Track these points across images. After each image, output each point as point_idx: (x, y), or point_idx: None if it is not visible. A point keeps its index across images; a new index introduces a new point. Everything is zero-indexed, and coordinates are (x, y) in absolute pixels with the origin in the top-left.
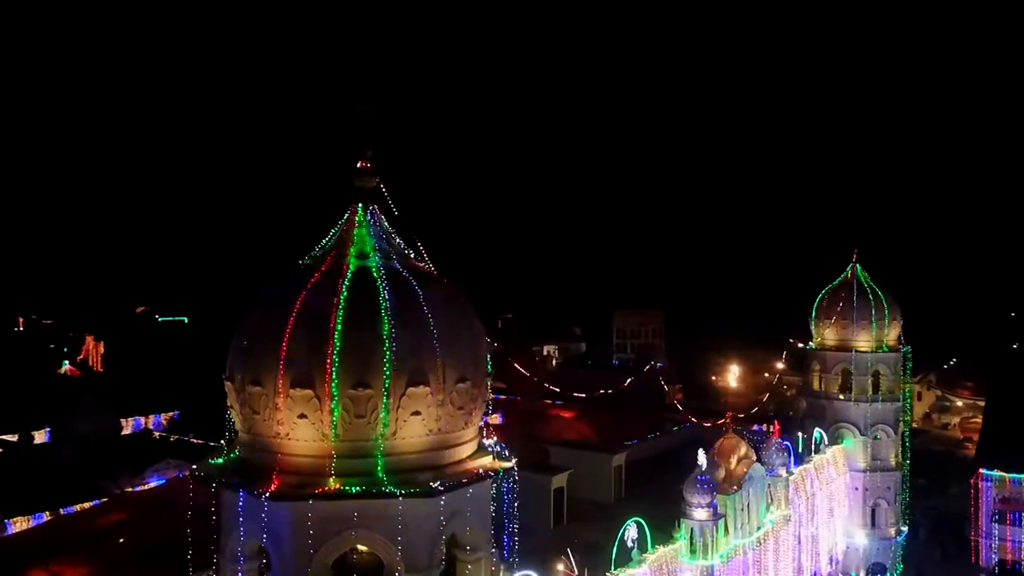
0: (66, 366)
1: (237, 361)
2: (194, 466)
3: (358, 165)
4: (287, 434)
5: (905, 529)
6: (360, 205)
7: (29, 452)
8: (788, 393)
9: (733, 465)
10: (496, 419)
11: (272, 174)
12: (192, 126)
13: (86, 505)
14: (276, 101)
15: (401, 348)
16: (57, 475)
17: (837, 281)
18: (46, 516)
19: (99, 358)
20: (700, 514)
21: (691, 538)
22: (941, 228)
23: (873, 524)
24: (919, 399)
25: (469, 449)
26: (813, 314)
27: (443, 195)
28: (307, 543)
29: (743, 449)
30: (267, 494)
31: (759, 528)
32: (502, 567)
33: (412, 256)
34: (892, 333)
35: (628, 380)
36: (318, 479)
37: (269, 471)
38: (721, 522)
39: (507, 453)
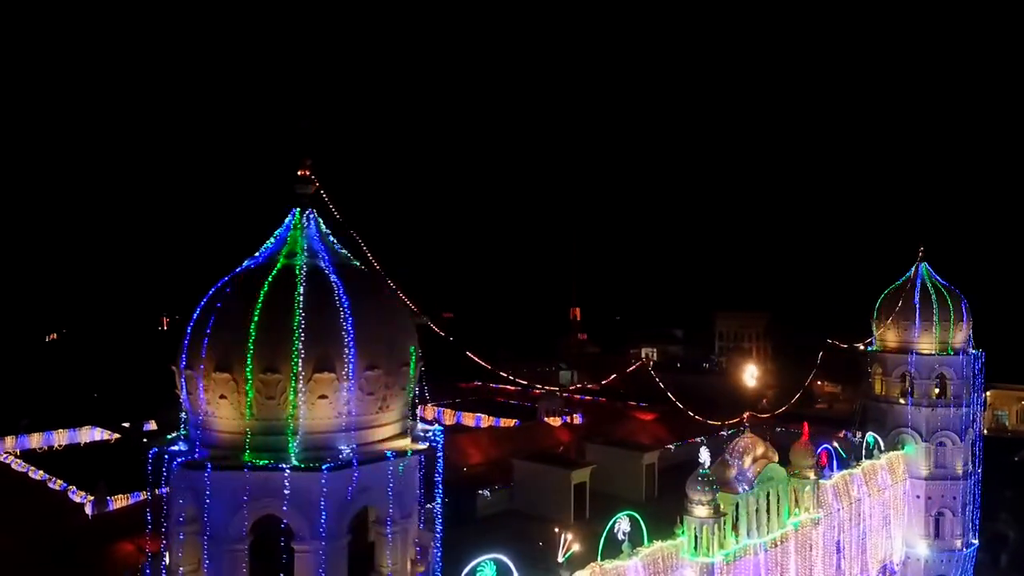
0: None
1: (181, 350)
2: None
3: (298, 173)
4: (212, 413)
5: (975, 542)
6: (298, 209)
7: (136, 438)
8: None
9: (747, 465)
10: (576, 418)
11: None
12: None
13: None
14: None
15: (310, 338)
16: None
17: (901, 280)
18: (142, 495)
19: None
20: (701, 511)
21: (694, 535)
22: None
23: (937, 535)
24: None
25: (387, 432)
26: (875, 315)
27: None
28: (226, 509)
29: (760, 449)
30: (186, 463)
31: (779, 530)
32: (431, 539)
33: (350, 256)
34: (958, 335)
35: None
36: (236, 453)
37: (199, 445)
38: (729, 521)
39: (433, 439)
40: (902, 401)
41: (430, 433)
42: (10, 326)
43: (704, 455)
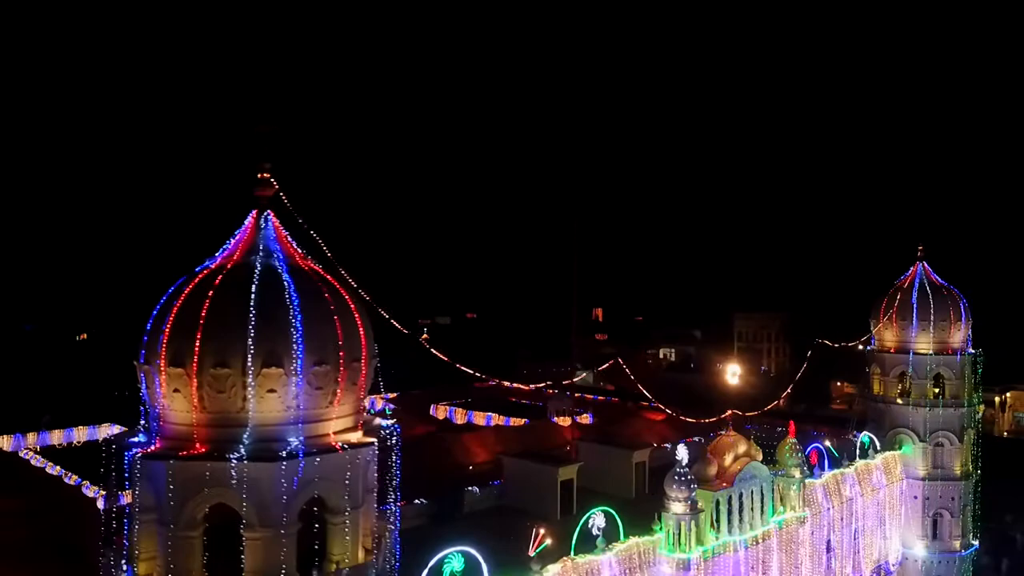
0: None
1: (140, 346)
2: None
3: (258, 177)
4: (167, 406)
5: (975, 544)
6: (256, 211)
7: None
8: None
9: (727, 462)
10: (586, 418)
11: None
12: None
13: None
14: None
15: (259, 334)
16: None
17: (900, 279)
18: None
19: None
20: (677, 507)
21: (669, 531)
22: None
23: (935, 536)
24: None
25: (338, 425)
26: (873, 314)
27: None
28: (178, 497)
29: (742, 447)
30: (142, 454)
31: (761, 527)
32: (387, 530)
33: (307, 257)
34: (957, 335)
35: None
36: (188, 443)
37: (155, 437)
38: (708, 517)
39: (387, 433)
40: (899, 401)
41: (387, 428)
42: (45, 326)
43: (682, 452)
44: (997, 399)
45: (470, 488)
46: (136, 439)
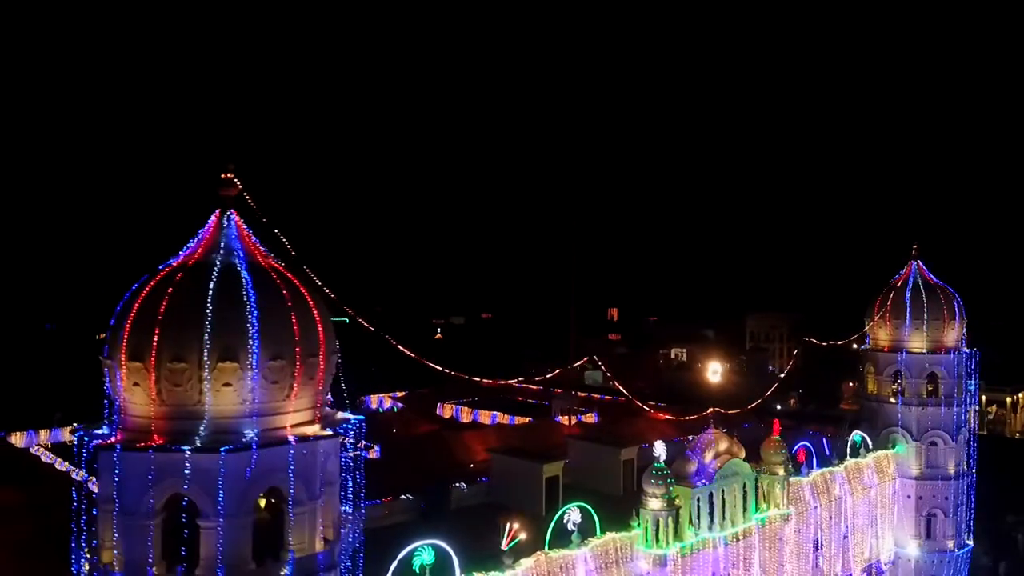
0: None
1: (104, 341)
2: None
3: (222, 177)
4: (128, 399)
5: (970, 544)
6: (220, 210)
7: None
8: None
9: (708, 459)
10: (591, 417)
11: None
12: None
13: None
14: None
15: (215, 330)
16: None
17: (895, 278)
18: None
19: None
20: (654, 504)
21: (647, 527)
22: None
23: (928, 535)
24: None
25: (295, 418)
26: (868, 312)
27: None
28: (135, 487)
29: (723, 445)
30: (100, 445)
31: (741, 524)
32: (347, 523)
33: (269, 255)
34: (950, 334)
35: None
36: (147, 435)
37: (115, 429)
38: (687, 514)
39: (346, 428)
40: (892, 400)
41: (351, 423)
42: (65, 325)
43: (659, 449)
44: (1008, 399)
45: (458, 484)
46: (100, 431)
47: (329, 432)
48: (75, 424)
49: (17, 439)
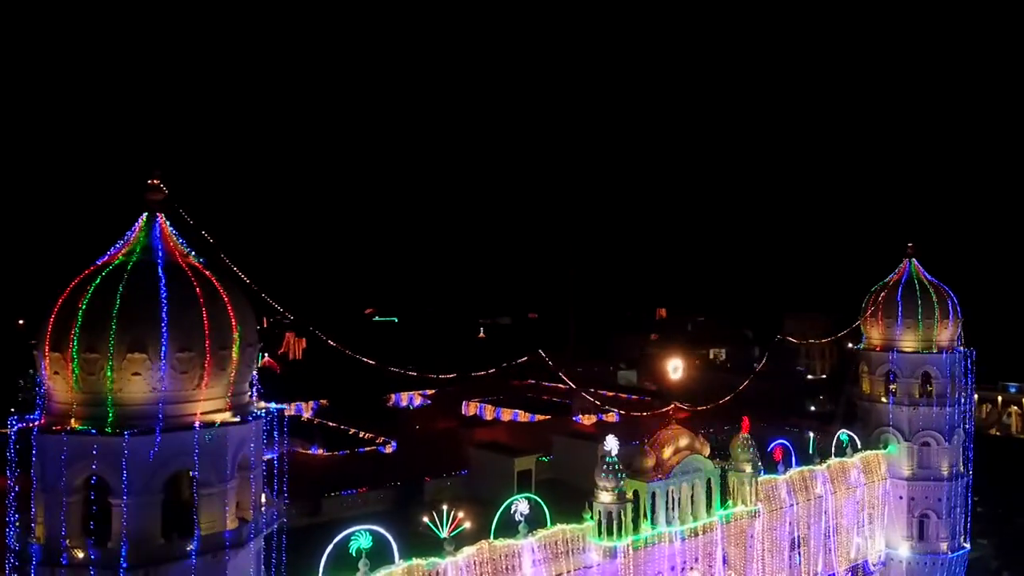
0: (263, 358)
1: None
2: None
3: (148, 183)
4: (52, 386)
5: (967, 546)
6: (146, 214)
7: None
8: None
9: (667, 455)
10: (612, 416)
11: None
12: None
13: None
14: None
15: (126, 323)
16: None
17: (889, 276)
18: None
19: (300, 352)
20: (605, 497)
21: (600, 520)
22: None
23: (921, 537)
24: None
25: (206, 406)
26: (862, 311)
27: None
28: (54, 468)
29: (683, 441)
30: (20, 430)
31: (701, 520)
32: (265, 506)
33: (189, 255)
34: (944, 333)
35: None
36: (66, 420)
37: (41, 414)
38: (644, 507)
39: (257, 417)
40: (884, 400)
41: (269, 412)
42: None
43: (610, 444)
44: (1000, 399)
45: (435, 477)
46: (32, 416)
47: (237, 419)
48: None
49: None
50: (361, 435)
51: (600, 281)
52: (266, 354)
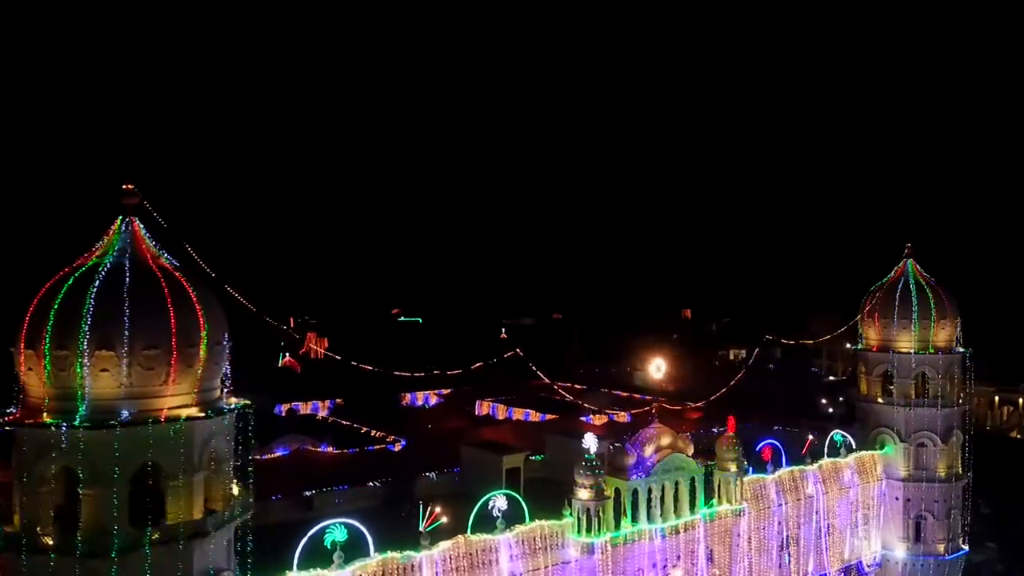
0: (284, 358)
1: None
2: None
3: (123, 188)
4: (26, 381)
5: (965, 548)
6: (120, 217)
7: None
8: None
9: (648, 453)
10: (624, 416)
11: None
12: None
13: None
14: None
15: (94, 322)
16: None
17: (887, 277)
18: None
19: (322, 352)
20: (583, 494)
21: (578, 516)
22: None
23: (917, 538)
24: None
25: (173, 402)
26: (859, 312)
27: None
28: (28, 458)
29: (665, 439)
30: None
31: (683, 518)
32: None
33: (160, 257)
34: (941, 334)
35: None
36: (39, 414)
37: (18, 408)
38: (625, 504)
39: (222, 410)
40: (880, 400)
41: (234, 407)
42: None
43: (588, 442)
44: (1022, 400)
45: (427, 474)
46: (9, 410)
47: (203, 415)
48: None
49: None
50: (372, 434)
51: (623, 282)
52: (287, 354)
